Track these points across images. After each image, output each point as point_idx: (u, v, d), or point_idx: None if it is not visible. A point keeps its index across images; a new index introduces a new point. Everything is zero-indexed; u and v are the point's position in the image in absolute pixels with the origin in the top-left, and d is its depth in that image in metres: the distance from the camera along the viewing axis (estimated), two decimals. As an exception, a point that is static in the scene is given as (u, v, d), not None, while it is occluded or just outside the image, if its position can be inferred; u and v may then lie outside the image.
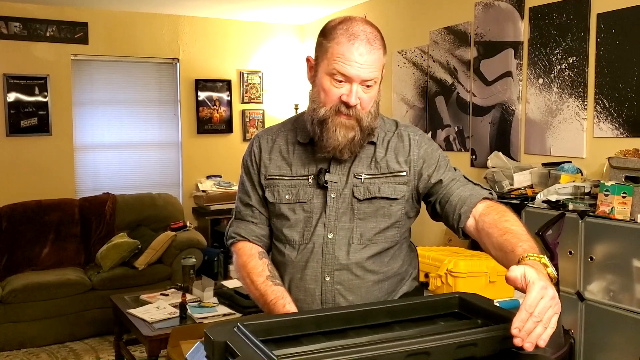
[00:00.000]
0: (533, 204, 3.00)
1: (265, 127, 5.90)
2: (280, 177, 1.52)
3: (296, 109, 5.82)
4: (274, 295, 1.42)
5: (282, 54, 5.99)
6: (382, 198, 1.48)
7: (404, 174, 1.49)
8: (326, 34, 1.43)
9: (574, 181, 2.98)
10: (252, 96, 5.90)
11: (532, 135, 3.56)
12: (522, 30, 3.61)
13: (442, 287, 2.90)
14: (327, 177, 1.47)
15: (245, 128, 5.86)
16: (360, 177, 1.48)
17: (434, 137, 4.36)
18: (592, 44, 3.17)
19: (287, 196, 1.50)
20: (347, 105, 1.39)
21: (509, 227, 1.31)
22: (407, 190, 1.50)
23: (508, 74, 3.72)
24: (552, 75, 3.42)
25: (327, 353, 1.01)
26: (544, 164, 3.23)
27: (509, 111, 3.72)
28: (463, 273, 2.79)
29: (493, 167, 3.49)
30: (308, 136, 1.49)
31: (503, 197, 3.24)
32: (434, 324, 1.28)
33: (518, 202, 3.10)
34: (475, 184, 1.49)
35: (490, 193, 1.47)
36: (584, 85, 3.22)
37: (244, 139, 5.85)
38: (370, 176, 1.48)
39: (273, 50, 5.96)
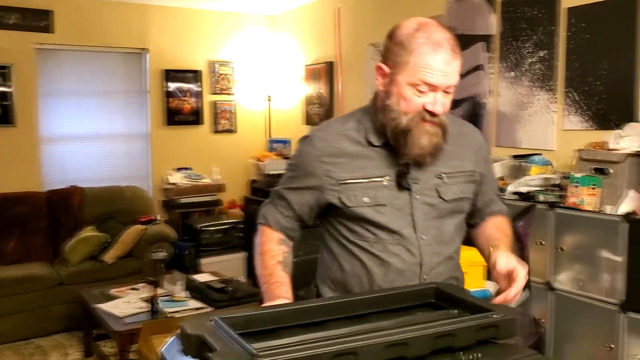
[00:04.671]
0: (504, 195, 3.03)
1: (238, 119, 5.86)
2: (355, 181, 1.48)
3: (269, 100, 5.78)
4: (279, 279, 1.44)
5: (254, 45, 5.94)
6: (465, 198, 1.55)
7: (475, 173, 1.57)
8: (402, 43, 1.40)
9: (543, 173, 3.02)
10: (223, 87, 5.83)
11: (503, 127, 3.60)
12: (493, 23, 3.64)
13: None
14: (411, 179, 1.47)
15: (216, 119, 5.80)
16: (441, 177, 1.50)
17: (406, 129, 4.37)
18: (562, 37, 3.21)
19: (365, 199, 1.46)
20: (433, 114, 1.39)
21: (502, 232, 1.58)
22: (475, 185, 1.59)
23: (479, 67, 3.74)
24: (522, 69, 3.46)
25: (307, 345, 1.00)
26: (515, 156, 3.27)
27: (480, 104, 3.75)
28: (436, 264, 2.81)
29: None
30: (381, 139, 1.48)
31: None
32: (412, 314, 1.28)
33: (489, 193, 3.13)
34: (500, 198, 1.70)
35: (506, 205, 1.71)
36: (554, 78, 3.26)
37: (215, 131, 5.79)
38: (450, 175, 1.51)
39: (244, 41, 5.90)
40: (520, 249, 2.77)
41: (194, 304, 3.51)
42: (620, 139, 2.66)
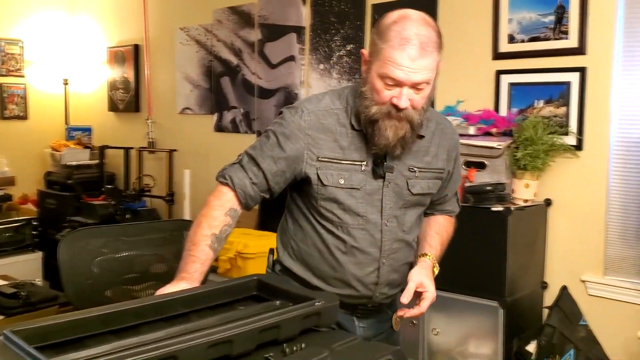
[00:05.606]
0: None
1: (30, 104, 5.25)
2: (334, 160, 1.48)
3: (65, 84, 5.27)
4: (198, 254, 1.39)
5: (50, 25, 5.35)
6: (430, 193, 1.58)
7: (444, 171, 1.60)
8: (380, 33, 1.39)
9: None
10: (11, 68, 5.18)
11: (315, 118, 3.68)
12: (304, 15, 3.71)
13: (232, 270, 2.87)
14: (386, 168, 1.48)
15: (2, 104, 5.13)
16: (414, 170, 1.53)
17: (220, 118, 4.29)
18: (367, 33, 3.38)
19: (341, 180, 1.48)
20: (398, 108, 1.38)
21: (438, 232, 1.66)
22: (440, 182, 1.61)
23: (291, 58, 3.80)
24: (331, 61, 3.58)
25: (118, 354, 0.89)
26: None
27: (292, 94, 3.80)
28: (253, 254, 2.79)
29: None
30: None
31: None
32: (234, 309, 1.23)
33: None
34: (457, 199, 1.74)
35: (459, 205, 1.76)
36: (361, 72, 3.41)
37: (2, 117, 5.12)
38: (422, 170, 1.54)
39: (38, 19, 5.29)
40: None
41: (-21, 313, 3.06)
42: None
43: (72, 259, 1.86)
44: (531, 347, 2.53)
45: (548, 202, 2.73)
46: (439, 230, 1.67)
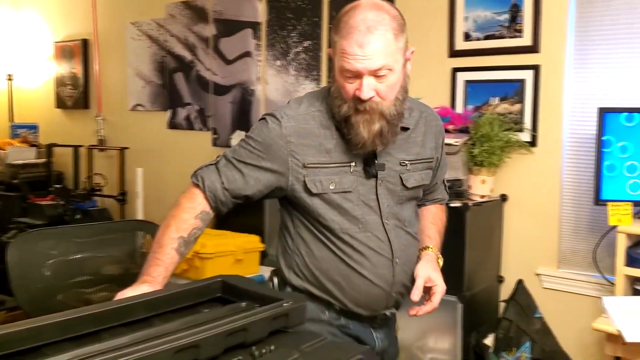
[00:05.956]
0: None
1: None
2: (321, 165, 1.40)
3: (9, 79, 5.06)
4: (163, 257, 1.34)
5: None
6: (424, 185, 1.53)
7: (433, 159, 1.55)
8: (335, 27, 1.34)
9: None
10: (-50, 63, 4.94)
11: (271, 115, 3.65)
12: (260, 11, 3.66)
13: (190, 270, 2.81)
14: (378, 166, 1.42)
15: (-59, 100, 4.88)
16: (405, 164, 1.47)
17: (174, 115, 4.19)
18: (324, 29, 3.36)
19: (331, 186, 1.40)
20: (362, 100, 1.32)
21: (433, 222, 1.62)
22: (431, 171, 1.56)
23: (247, 54, 3.74)
24: (288, 58, 3.55)
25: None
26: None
27: (249, 91, 3.75)
28: (211, 254, 2.74)
29: (235, 146, 3.49)
30: None
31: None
32: (198, 312, 1.19)
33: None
34: (444, 186, 1.69)
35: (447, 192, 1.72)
36: (318, 69, 3.40)
37: (-59, 114, 4.88)
38: (413, 162, 1.48)
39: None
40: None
41: None
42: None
43: (21, 262, 1.78)
44: (489, 341, 2.57)
45: (504, 198, 2.78)
46: (434, 220, 1.63)
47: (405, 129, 1.46)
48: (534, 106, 2.69)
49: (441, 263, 1.54)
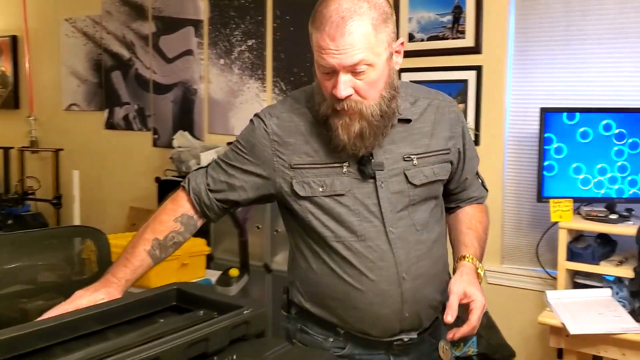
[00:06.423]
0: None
1: None
2: (308, 166, 1.26)
3: None
4: (133, 258, 1.27)
5: None
6: (438, 181, 1.33)
7: (450, 151, 1.34)
8: (311, 17, 1.19)
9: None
10: None
11: (216, 114, 3.58)
12: (202, 8, 3.59)
13: (133, 276, 2.72)
14: (375, 165, 1.25)
15: None
16: (410, 159, 1.28)
17: (111, 115, 4.05)
18: (269, 28, 3.33)
19: (320, 188, 1.26)
20: (339, 99, 1.17)
21: (470, 227, 1.40)
22: (450, 165, 1.36)
23: (189, 52, 3.66)
24: (232, 57, 3.49)
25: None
26: (229, 143, 3.28)
27: (191, 90, 3.67)
28: (156, 258, 2.66)
29: (179, 147, 3.41)
30: None
31: (190, 177, 3.19)
32: (154, 323, 1.14)
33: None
34: (481, 182, 1.47)
35: (486, 189, 1.50)
36: (263, 68, 3.36)
37: None
38: (421, 156, 1.29)
39: None
40: (240, 235, 2.78)
41: None
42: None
43: (-48, 274, 1.66)
44: (437, 337, 2.61)
45: (449, 196, 2.83)
46: (471, 223, 1.40)
47: (406, 120, 1.29)
48: (477, 106, 2.75)
49: (482, 273, 1.33)
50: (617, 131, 2.31)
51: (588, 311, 2.08)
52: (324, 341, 1.32)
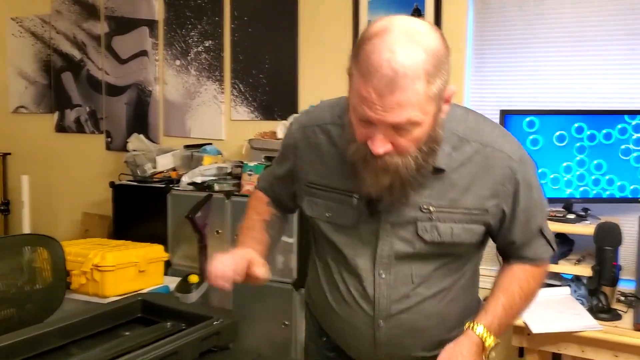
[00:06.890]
0: (178, 186, 2.95)
1: None
2: (320, 187, 1.22)
3: None
4: (255, 234, 1.33)
5: None
6: (460, 244, 1.16)
7: (485, 212, 1.16)
8: (355, 50, 1.02)
9: (216, 163, 3.04)
10: None
11: (172, 117, 3.50)
12: (157, 9, 3.50)
13: (88, 285, 2.62)
14: (383, 206, 1.14)
15: None
16: (427, 210, 1.13)
17: (62, 117, 3.91)
18: (227, 29, 3.27)
19: (327, 214, 1.21)
20: (373, 154, 1.03)
21: (505, 291, 1.23)
22: (484, 227, 1.18)
23: (144, 52, 3.56)
24: (189, 58, 3.41)
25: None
26: (186, 146, 3.22)
27: (146, 92, 3.57)
28: (112, 266, 2.57)
29: (134, 150, 3.31)
30: None
31: (146, 181, 3.11)
32: (120, 336, 1.09)
33: (163, 185, 3.01)
34: (546, 241, 1.26)
35: (552, 248, 1.28)
36: (221, 69, 3.30)
37: None
38: (442, 210, 1.13)
39: None
40: (200, 240, 2.73)
41: None
42: (286, 128, 2.84)
43: None
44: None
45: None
46: (509, 286, 1.23)
47: (439, 170, 1.12)
48: (437, 108, 2.77)
49: (489, 346, 1.19)
50: (576, 134, 2.36)
51: (548, 310, 2.12)
52: (318, 338, 1.37)
